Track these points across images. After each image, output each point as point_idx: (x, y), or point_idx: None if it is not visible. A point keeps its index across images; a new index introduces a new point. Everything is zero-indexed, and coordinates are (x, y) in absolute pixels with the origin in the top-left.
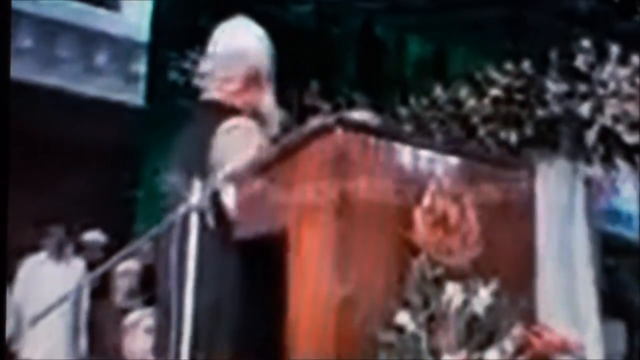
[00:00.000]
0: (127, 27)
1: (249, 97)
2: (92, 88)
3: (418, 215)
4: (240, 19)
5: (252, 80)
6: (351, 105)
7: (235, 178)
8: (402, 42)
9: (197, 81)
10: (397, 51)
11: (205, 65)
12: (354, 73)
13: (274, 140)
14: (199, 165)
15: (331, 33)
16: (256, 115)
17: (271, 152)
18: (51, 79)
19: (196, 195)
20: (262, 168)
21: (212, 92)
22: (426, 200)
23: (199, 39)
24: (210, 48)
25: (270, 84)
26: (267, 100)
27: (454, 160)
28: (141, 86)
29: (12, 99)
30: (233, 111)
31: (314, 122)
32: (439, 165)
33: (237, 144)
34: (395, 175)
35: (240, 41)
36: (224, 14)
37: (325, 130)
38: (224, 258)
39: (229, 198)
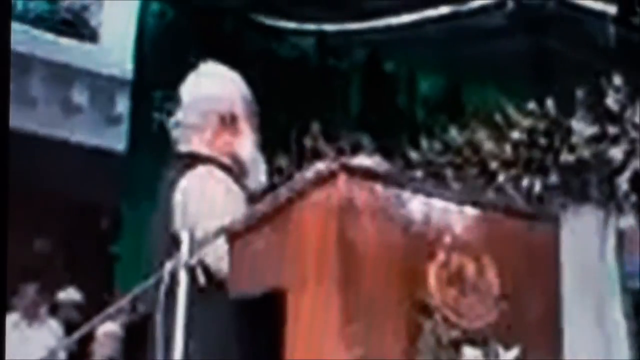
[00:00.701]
0: (107, 61)
1: (223, 144)
2: (68, 132)
3: (431, 271)
4: (210, 64)
5: (227, 126)
6: (356, 148)
7: (228, 232)
8: (413, 77)
9: (173, 132)
10: (407, 88)
11: (177, 115)
12: (360, 112)
13: (265, 190)
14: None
15: (334, 68)
16: (235, 163)
17: (267, 203)
18: (22, 122)
19: (184, 250)
20: (258, 220)
21: (185, 142)
22: (440, 256)
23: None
24: (181, 96)
25: (251, 128)
26: (246, 145)
27: (471, 210)
28: (123, 129)
29: None
30: (204, 160)
31: (315, 168)
32: (455, 216)
33: (206, 195)
34: (406, 228)
35: (208, 86)
36: (215, 48)
37: (327, 177)
38: (216, 322)
39: (221, 255)
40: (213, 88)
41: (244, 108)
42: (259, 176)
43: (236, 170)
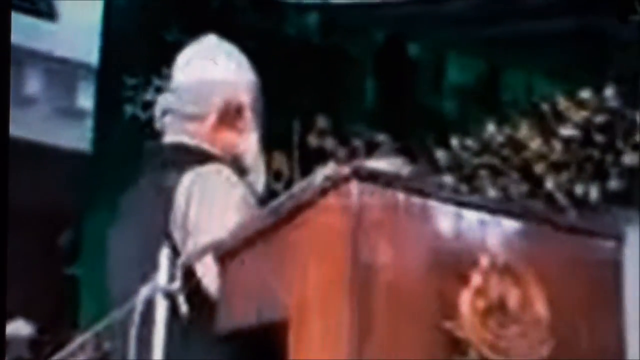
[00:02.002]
0: (67, 43)
1: (226, 139)
2: (16, 127)
3: (465, 299)
4: (211, 37)
5: (230, 117)
6: (372, 148)
7: (218, 250)
8: (441, 62)
9: (157, 120)
10: (433, 74)
11: (166, 99)
12: (376, 104)
13: (265, 199)
14: (162, 232)
15: (345, 51)
16: (236, 162)
17: (266, 216)
18: None
19: (163, 272)
20: (254, 237)
21: (177, 134)
22: (475, 280)
23: (166, 61)
24: (174, 77)
25: (256, 122)
26: (251, 143)
27: (512, 224)
28: (88, 124)
29: None
30: (205, 158)
31: (322, 173)
32: (492, 231)
33: (214, 200)
34: (433, 246)
35: (211, 67)
36: (198, 26)
37: (337, 185)
38: (201, 358)
39: (210, 277)
40: (217, 69)
41: (252, 97)
42: (259, 182)
43: (240, 174)
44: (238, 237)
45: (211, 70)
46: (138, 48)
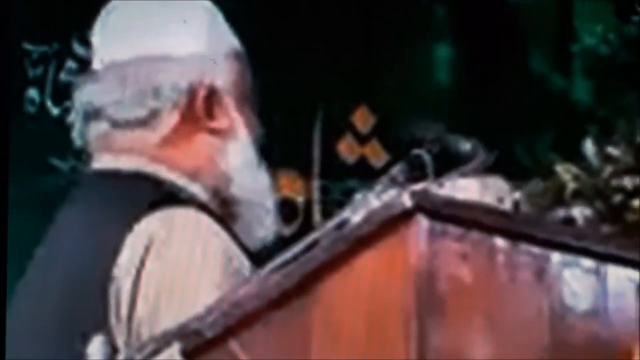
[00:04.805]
0: None
1: (195, 151)
2: None
3: None
4: None
5: (197, 116)
6: (450, 160)
7: (185, 339)
8: (569, 9)
9: (76, 129)
10: (553, 33)
11: (90, 93)
12: (454, 88)
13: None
14: (96, 302)
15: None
16: (217, 194)
17: (269, 283)
18: None
19: None
20: (249, 316)
21: (110, 152)
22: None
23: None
24: (98, 52)
25: (245, 118)
26: (237, 155)
27: None
28: None
29: None
30: (163, 194)
31: (364, 205)
32: None
33: (179, 266)
34: (552, 326)
35: (163, 31)
36: None
37: (390, 224)
38: None
39: None
40: (174, 35)
41: (232, 78)
42: (264, 218)
43: (221, 211)
44: (220, 319)
45: (163, 38)
46: (47, 6)
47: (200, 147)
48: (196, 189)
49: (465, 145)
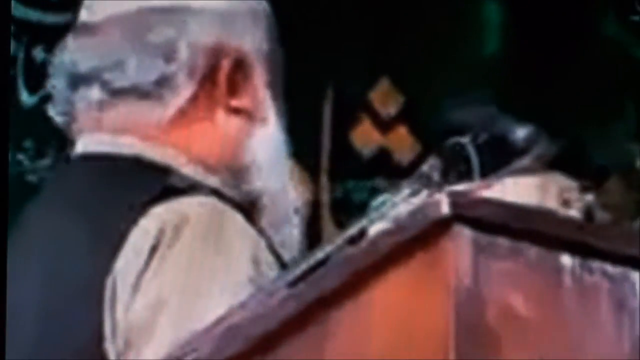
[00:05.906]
0: None
1: (212, 139)
2: None
3: None
4: None
5: (224, 88)
6: (500, 153)
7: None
8: None
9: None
10: None
11: (73, 56)
12: (505, 62)
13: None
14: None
15: None
16: (239, 185)
17: (286, 294)
18: None
19: None
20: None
21: (105, 132)
22: None
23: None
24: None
25: (276, 101)
26: (268, 140)
27: None
28: None
29: None
30: (177, 185)
31: (386, 210)
32: None
33: (203, 270)
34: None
35: None
36: None
37: (426, 235)
38: None
39: None
40: None
41: (264, 46)
42: (291, 215)
43: (249, 206)
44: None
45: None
46: None
47: (220, 129)
48: (213, 181)
49: (521, 133)
